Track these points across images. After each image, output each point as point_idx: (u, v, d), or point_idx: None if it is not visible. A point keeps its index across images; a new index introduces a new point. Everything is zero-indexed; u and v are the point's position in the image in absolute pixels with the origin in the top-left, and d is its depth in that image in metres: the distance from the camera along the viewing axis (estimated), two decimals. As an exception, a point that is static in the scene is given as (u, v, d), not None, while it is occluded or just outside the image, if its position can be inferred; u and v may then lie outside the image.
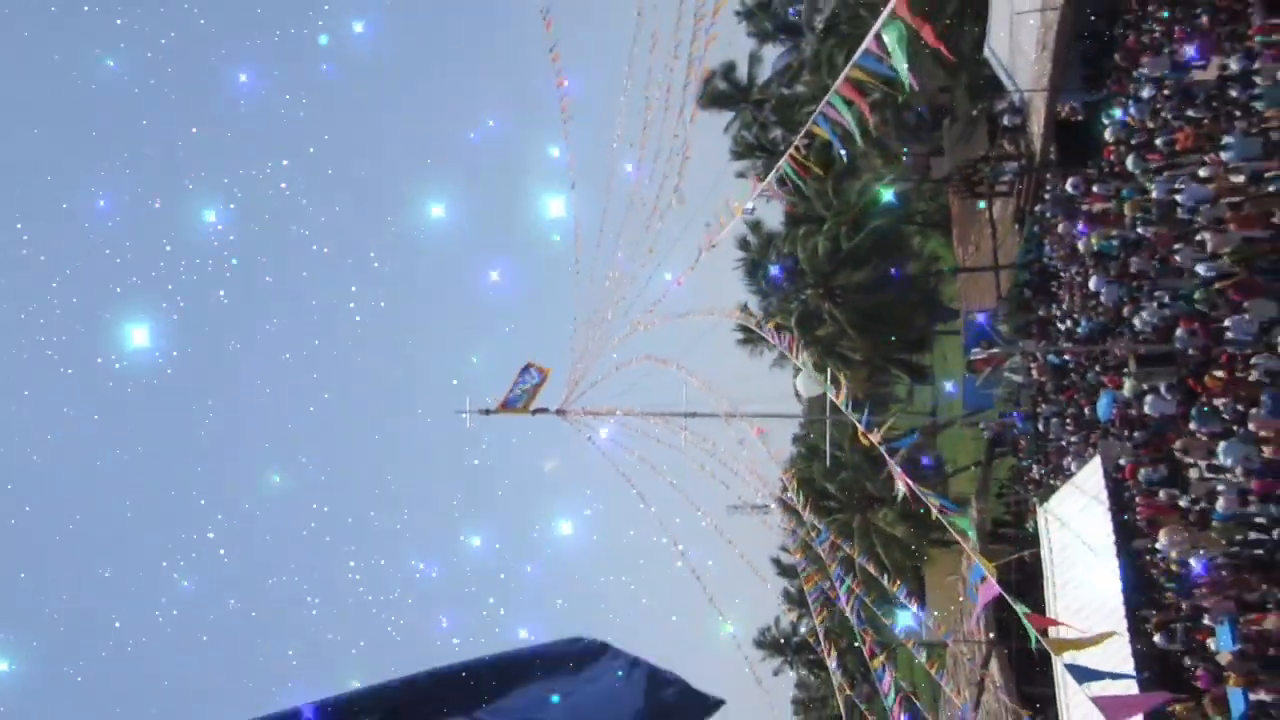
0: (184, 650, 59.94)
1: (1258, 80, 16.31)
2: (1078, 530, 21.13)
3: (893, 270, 39.51)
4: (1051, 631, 8.06)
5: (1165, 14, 21.29)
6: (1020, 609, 7.86)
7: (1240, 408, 17.08)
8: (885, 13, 5.33)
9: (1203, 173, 18.50)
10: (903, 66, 5.82)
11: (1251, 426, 16.76)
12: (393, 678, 6.19)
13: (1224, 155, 18.05)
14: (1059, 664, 7.98)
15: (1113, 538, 19.80)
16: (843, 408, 11.33)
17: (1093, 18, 25.71)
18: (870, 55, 6.00)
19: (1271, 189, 17.01)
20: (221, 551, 60.85)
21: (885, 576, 28.57)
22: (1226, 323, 16.98)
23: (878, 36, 5.77)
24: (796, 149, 9.22)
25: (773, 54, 45.42)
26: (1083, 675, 7.98)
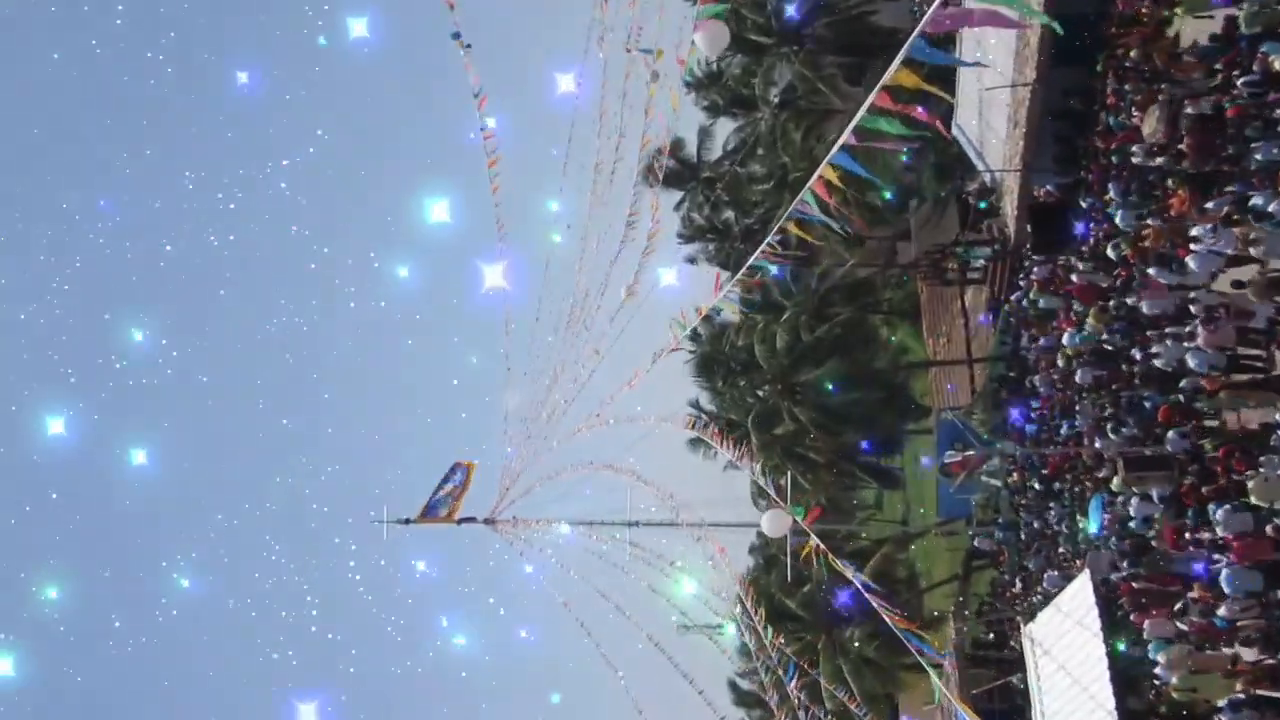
0: (184, 650, 67.39)
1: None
2: (1064, 658, 21.03)
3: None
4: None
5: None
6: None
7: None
8: (863, 108, 5.40)
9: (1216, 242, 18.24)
10: (906, 134, 5.95)
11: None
12: None
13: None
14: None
15: (1105, 663, 19.66)
16: (812, 533, 11.26)
17: (1068, 96, 26.32)
18: (845, 151, 6.08)
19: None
20: (221, 551, 67.03)
21: (856, 705, 28.29)
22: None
23: (858, 129, 5.85)
24: (771, 245, 9.34)
25: (724, 129, 45.85)
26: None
